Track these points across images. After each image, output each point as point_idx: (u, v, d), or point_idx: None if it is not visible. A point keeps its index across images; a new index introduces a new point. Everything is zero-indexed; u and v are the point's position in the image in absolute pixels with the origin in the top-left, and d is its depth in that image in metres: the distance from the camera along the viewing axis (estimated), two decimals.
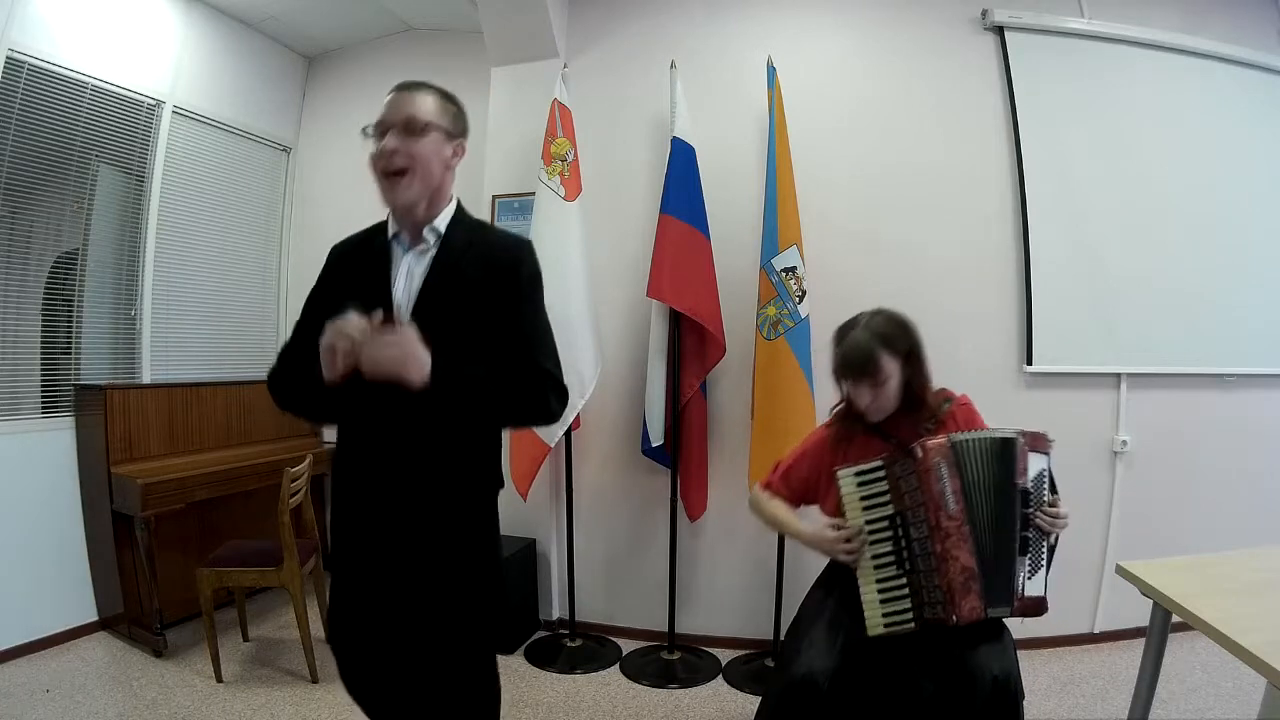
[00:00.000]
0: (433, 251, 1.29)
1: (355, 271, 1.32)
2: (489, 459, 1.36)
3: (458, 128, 1.31)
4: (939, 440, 1.43)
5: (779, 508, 1.68)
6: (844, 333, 1.58)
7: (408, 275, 1.28)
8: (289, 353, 1.35)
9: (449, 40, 3.60)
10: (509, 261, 1.30)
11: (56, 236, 2.88)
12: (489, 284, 1.27)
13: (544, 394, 1.28)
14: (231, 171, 3.57)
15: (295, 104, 3.90)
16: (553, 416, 1.31)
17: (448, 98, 1.31)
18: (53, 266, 2.87)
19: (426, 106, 1.25)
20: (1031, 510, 1.42)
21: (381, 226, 1.35)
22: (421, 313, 1.25)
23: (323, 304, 1.29)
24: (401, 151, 1.22)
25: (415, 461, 1.26)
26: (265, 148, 3.77)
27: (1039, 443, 1.45)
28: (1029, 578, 1.42)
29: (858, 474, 1.47)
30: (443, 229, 1.30)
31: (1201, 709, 2.24)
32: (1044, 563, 1.44)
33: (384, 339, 1.11)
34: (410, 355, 1.12)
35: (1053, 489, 1.47)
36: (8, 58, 2.57)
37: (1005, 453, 1.42)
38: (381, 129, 1.24)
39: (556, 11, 2.94)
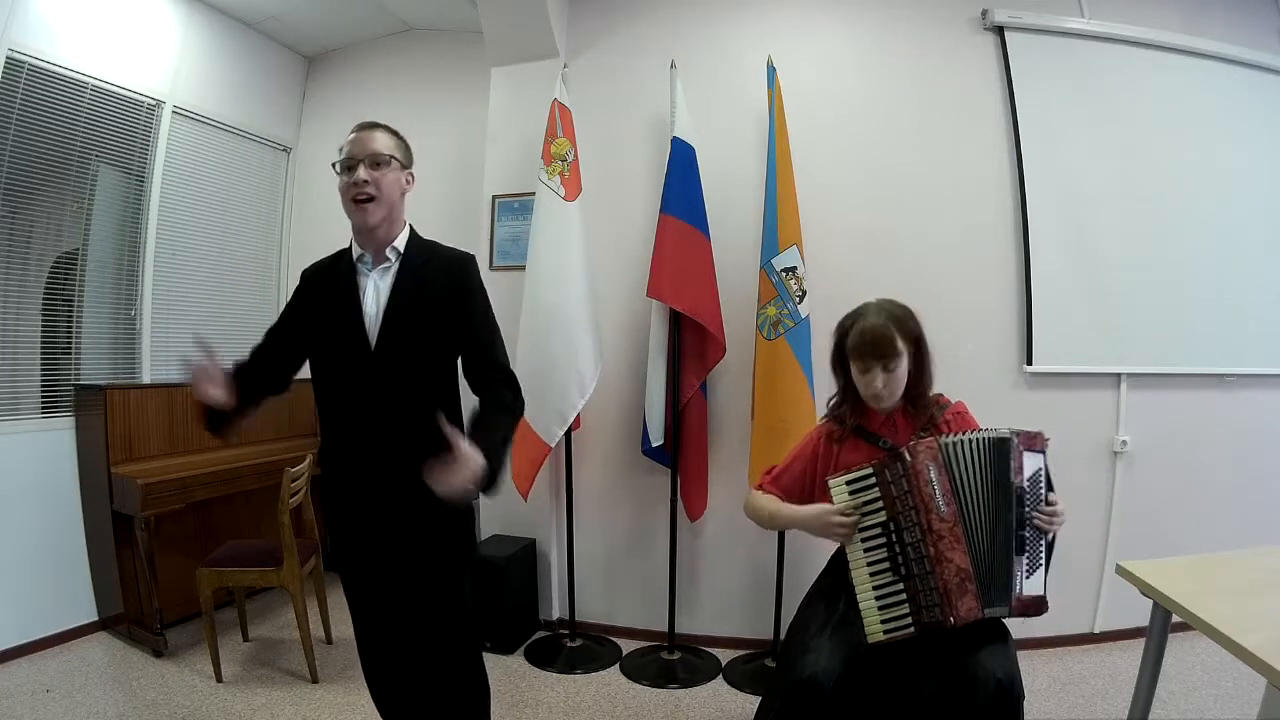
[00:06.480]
0: (395, 267, 1.49)
1: (327, 292, 1.51)
2: None
3: (408, 160, 1.54)
4: (928, 442, 1.44)
5: (771, 501, 1.67)
6: (853, 319, 1.59)
7: (375, 290, 1.48)
8: (256, 351, 1.61)
9: (449, 40, 3.60)
10: (461, 271, 1.52)
11: (56, 236, 2.88)
12: (447, 291, 1.49)
13: (517, 403, 1.50)
14: (231, 171, 3.57)
15: (295, 104, 3.90)
16: (521, 413, 1.53)
17: (398, 135, 1.53)
18: (53, 266, 2.87)
19: (386, 143, 1.47)
20: (1028, 510, 1.42)
21: (345, 252, 1.54)
22: (391, 321, 1.45)
23: (295, 318, 1.57)
24: (370, 181, 1.43)
25: (395, 453, 1.42)
26: (265, 148, 3.77)
27: (1034, 441, 1.45)
28: (1027, 577, 1.41)
29: (849, 482, 1.48)
30: (402, 247, 1.50)
31: (1201, 709, 2.24)
32: (1042, 562, 1.44)
33: (458, 475, 1.23)
34: (473, 474, 1.24)
35: (1049, 487, 1.46)
36: (8, 58, 2.57)
37: (1000, 452, 1.42)
38: (350, 164, 1.44)
39: (556, 11, 2.94)
